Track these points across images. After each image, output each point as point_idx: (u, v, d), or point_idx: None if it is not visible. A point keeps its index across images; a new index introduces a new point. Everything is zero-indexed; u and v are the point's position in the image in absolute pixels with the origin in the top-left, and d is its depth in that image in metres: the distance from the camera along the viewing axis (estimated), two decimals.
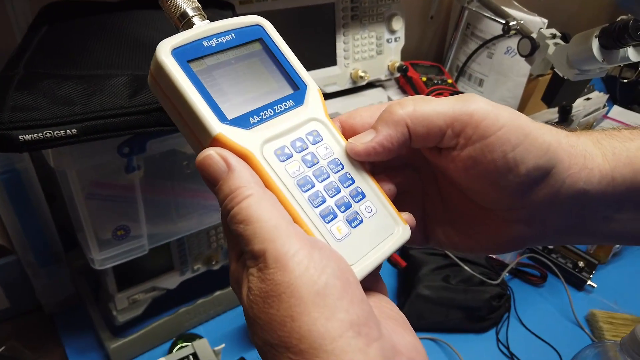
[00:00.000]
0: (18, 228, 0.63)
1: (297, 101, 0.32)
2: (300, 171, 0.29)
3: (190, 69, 0.28)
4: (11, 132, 0.43)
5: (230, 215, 0.26)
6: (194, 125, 0.28)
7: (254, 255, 0.25)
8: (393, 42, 1.01)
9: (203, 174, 0.28)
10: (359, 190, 0.31)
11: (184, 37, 0.29)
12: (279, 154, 0.29)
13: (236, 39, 0.31)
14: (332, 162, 0.31)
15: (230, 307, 0.80)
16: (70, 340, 0.72)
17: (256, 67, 0.31)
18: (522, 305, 0.87)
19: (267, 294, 0.24)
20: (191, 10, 0.31)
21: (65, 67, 0.50)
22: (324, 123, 0.32)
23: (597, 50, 0.77)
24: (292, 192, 0.28)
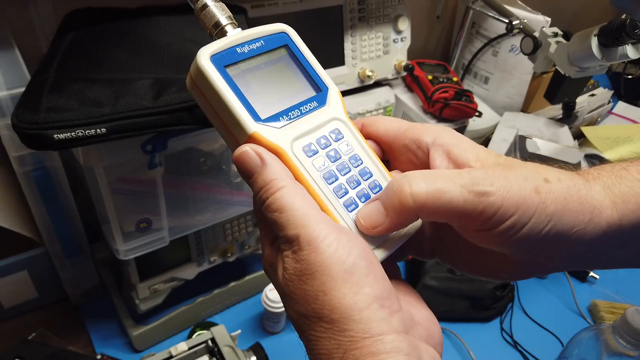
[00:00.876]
0: (47, 222, 0.68)
1: (320, 102, 0.34)
2: (325, 165, 0.32)
3: (227, 74, 0.31)
4: (47, 131, 0.47)
5: (266, 205, 0.29)
6: (230, 125, 0.31)
7: (288, 239, 0.28)
8: (399, 42, 1.04)
9: (239, 167, 0.30)
10: (376, 182, 0.34)
11: (220, 45, 0.32)
12: (307, 150, 0.32)
13: (265, 46, 0.34)
14: (352, 158, 0.34)
15: (244, 297, 0.83)
16: (95, 328, 0.77)
17: (283, 71, 0.34)
18: (526, 296, 0.90)
19: (302, 272, 0.27)
20: (224, 20, 0.34)
21: (93, 71, 0.54)
22: (344, 122, 0.35)
23: (596, 48, 0.79)
24: (318, 184, 0.31)
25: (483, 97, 1.22)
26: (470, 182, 0.29)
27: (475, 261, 0.35)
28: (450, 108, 1.01)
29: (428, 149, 0.34)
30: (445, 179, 0.29)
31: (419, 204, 0.29)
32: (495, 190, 0.28)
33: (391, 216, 0.30)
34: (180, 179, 0.66)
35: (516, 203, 0.29)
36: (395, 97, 1.08)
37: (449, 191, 0.29)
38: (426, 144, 0.34)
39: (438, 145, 0.33)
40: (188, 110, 0.51)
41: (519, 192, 0.29)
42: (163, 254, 0.69)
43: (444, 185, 0.29)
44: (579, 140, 1.19)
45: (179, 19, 0.68)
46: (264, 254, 0.32)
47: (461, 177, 0.29)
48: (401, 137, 0.35)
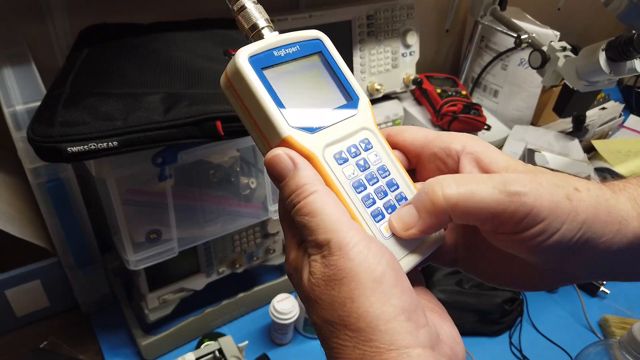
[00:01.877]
0: (60, 232, 0.69)
1: (351, 111, 0.35)
2: (354, 174, 0.32)
3: (264, 76, 0.31)
4: (60, 144, 0.49)
5: (297, 208, 0.29)
6: (264, 127, 0.31)
7: (318, 244, 0.28)
8: (408, 56, 1.05)
9: (271, 170, 0.30)
10: (402, 194, 0.34)
11: (259, 46, 0.32)
12: (337, 157, 0.32)
13: (301, 51, 0.34)
14: (380, 168, 0.34)
15: (252, 308, 0.84)
16: (105, 337, 0.77)
17: (317, 77, 0.34)
18: (535, 310, 0.89)
19: (330, 278, 0.27)
20: (262, 22, 0.34)
21: (106, 86, 0.56)
22: (373, 132, 0.35)
23: (604, 62, 0.80)
24: (348, 192, 0.31)
25: (493, 110, 1.22)
26: (502, 182, 0.29)
27: (498, 270, 0.35)
28: (459, 121, 1.01)
29: (458, 157, 0.34)
30: (477, 180, 0.29)
31: (451, 204, 0.29)
32: (527, 191, 0.28)
33: (424, 218, 0.30)
34: (190, 191, 0.67)
35: (549, 207, 0.29)
36: (404, 110, 1.09)
37: (481, 191, 0.29)
38: (456, 152, 0.34)
39: (468, 153, 0.33)
40: (197, 124, 0.53)
41: (551, 197, 0.29)
42: (172, 264, 0.70)
43: (476, 186, 0.29)
44: (590, 153, 1.19)
45: (190, 35, 0.69)
46: (288, 257, 0.32)
47: (493, 179, 0.29)
48: (430, 145, 0.35)
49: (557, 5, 1.50)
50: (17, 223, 0.70)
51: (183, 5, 0.87)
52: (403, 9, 1.01)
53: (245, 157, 0.70)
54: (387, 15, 0.99)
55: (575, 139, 1.11)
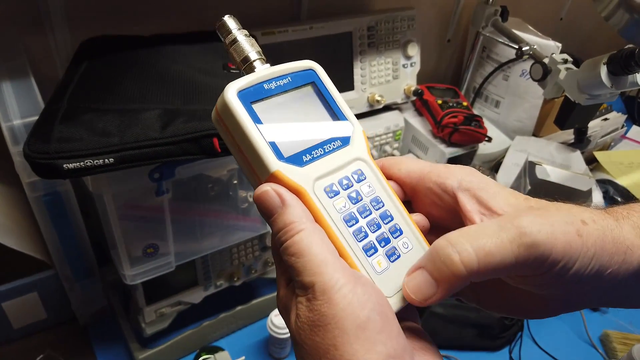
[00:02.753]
0: (57, 245, 0.69)
1: (344, 141, 0.34)
2: (346, 207, 0.32)
3: (253, 110, 0.31)
4: (57, 161, 0.49)
5: (284, 247, 0.29)
6: (253, 161, 0.31)
7: (304, 286, 0.28)
8: (409, 67, 1.05)
9: (259, 206, 0.30)
10: (397, 227, 0.33)
11: (248, 80, 0.32)
12: (328, 190, 0.32)
13: (292, 82, 0.34)
14: (373, 200, 0.33)
15: (250, 321, 0.83)
16: (102, 350, 0.77)
17: (308, 108, 0.34)
18: (536, 324, 0.88)
19: (314, 323, 0.27)
20: (254, 55, 0.34)
21: (104, 101, 0.56)
22: (367, 163, 0.34)
23: (605, 76, 0.79)
24: (338, 227, 0.31)
25: (494, 120, 1.21)
26: (518, 234, 0.28)
27: (502, 301, 0.34)
28: (460, 133, 1.01)
29: (454, 193, 0.33)
30: (490, 236, 0.28)
31: (472, 272, 0.28)
32: (544, 238, 0.28)
33: (443, 286, 0.29)
34: (187, 205, 0.66)
35: (563, 249, 0.28)
36: (405, 121, 1.09)
37: (499, 251, 0.28)
38: (452, 188, 0.33)
39: (465, 189, 0.33)
40: (194, 141, 0.52)
41: (564, 237, 0.28)
42: (170, 277, 0.70)
43: (492, 244, 0.28)
44: (592, 165, 1.18)
45: (190, 48, 0.69)
46: (279, 293, 0.31)
47: (506, 230, 0.28)
48: (424, 179, 0.34)
49: (559, 16, 1.49)
50: (14, 235, 0.70)
51: (185, 17, 0.87)
52: (404, 20, 1.01)
53: None
54: (388, 27, 0.99)
55: (577, 150, 1.10)
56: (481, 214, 0.32)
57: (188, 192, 0.66)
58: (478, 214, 0.32)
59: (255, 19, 0.93)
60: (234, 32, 0.35)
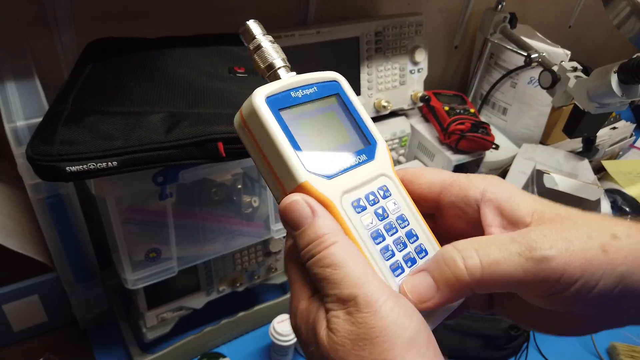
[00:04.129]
0: (59, 248, 0.68)
1: (369, 156, 0.33)
2: (373, 224, 0.31)
3: (281, 117, 0.30)
4: (59, 164, 0.48)
5: (316, 259, 0.27)
6: (280, 171, 0.30)
7: (342, 298, 0.26)
8: (416, 73, 1.04)
9: (286, 217, 0.29)
10: (422, 247, 0.32)
11: (277, 87, 0.31)
12: (355, 205, 0.30)
13: (318, 92, 0.33)
14: (399, 218, 0.32)
15: (252, 328, 0.82)
16: (102, 354, 0.76)
17: (334, 120, 0.33)
18: (542, 336, 0.87)
19: (359, 337, 0.25)
20: (279, 62, 0.33)
21: (108, 103, 0.55)
22: (392, 179, 0.33)
23: (616, 85, 0.78)
24: (366, 243, 0.30)
25: (501, 128, 1.20)
26: (527, 247, 0.27)
27: (536, 317, 0.32)
28: (467, 140, 1.00)
29: (477, 206, 0.31)
30: (499, 246, 0.27)
31: (475, 280, 0.27)
32: (556, 253, 0.26)
33: (443, 291, 0.28)
34: (190, 209, 0.66)
35: (581, 266, 0.26)
36: (411, 127, 1.08)
37: (506, 262, 0.27)
38: (475, 200, 0.32)
39: (488, 200, 0.31)
40: (199, 145, 0.52)
41: (583, 254, 0.26)
42: (172, 282, 0.69)
43: (499, 254, 0.27)
44: (600, 174, 1.17)
45: (196, 51, 0.69)
46: (296, 309, 0.29)
47: (516, 243, 0.27)
48: (446, 192, 0.33)
49: (568, 23, 1.48)
50: (17, 237, 0.69)
51: (192, 20, 0.87)
52: (412, 26, 1.00)
53: (248, 174, 0.69)
54: (395, 32, 0.98)
55: (585, 159, 1.09)
56: (502, 228, 0.31)
57: (192, 197, 0.65)
58: (499, 228, 0.31)
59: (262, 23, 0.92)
60: (258, 38, 0.34)
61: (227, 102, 0.57)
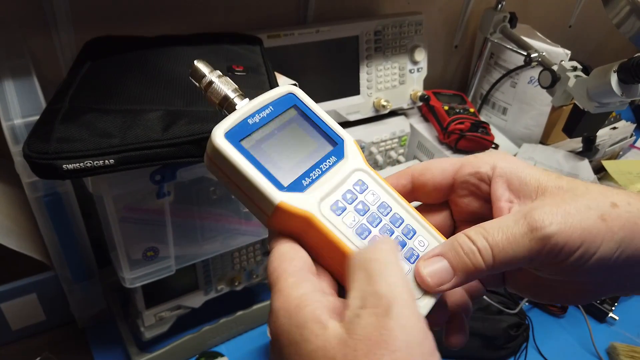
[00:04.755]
0: (57, 246, 0.68)
1: (338, 156, 0.34)
2: (356, 221, 0.32)
3: (243, 148, 0.31)
4: (56, 161, 0.48)
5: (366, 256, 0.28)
6: (255, 198, 0.31)
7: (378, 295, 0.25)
8: (415, 72, 1.04)
9: None
10: (409, 227, 0.33)
11: (232, 120, 0.32)
12: (335, 208, 0.31)
13: (274, 111, 0.34)
14: (380, 207, 0.33)
15: (251, 327, 0.82)
16: (100, 353, 0.76)
17: (296, 132, 0.34)
18: (541, 336, 0.87)
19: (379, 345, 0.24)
20: (231, 93, 0.35)
21: (106, 101, 0.55)
22: (365, 171, 0.34)
23: (615, 84, 0.78)
24: (353, 242, 0.31)
25: (501, 127, 1.20)
26: (529, 229, 0.29)
27: (546, 288, 0.34)
28: (466, 140, 1.00)
29: (490, 180, 0.33)
30: (504, 231, 0.29)
31: (489, 266, 0.29)
32: (556, 230, 0.28)
33: (459, 276, 0.30)
34: (188, 208, 0.66)
35: (580, 236, 0.28)
36: (411, 126, 1.08)
37: (512, 247, 0.29)
38: (487, 176, 0.34)
39: (498, 176, 0.33)
40: (196, 143, 0.51)
41: (581, 224, 0.28)
42: (170, 281, 0.69)
43: (505, 240, 0.29)
44: (600, 174, 1.17)
45: (195, 49, 0.69)
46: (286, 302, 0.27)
47: (519, 225, 0.29)
48: (459, 174, 0.35)
49: (568, 23, 1.48)
50: (15, 236, 0.69)
51: (191, 19, 0.87)
52: (411, 25, 1.00)
53: None
54: (395, 31, 0.98)
55: (585, 159, 1.09)
56: (509, 202, 0.32)
57: (189, 196, 0.65)
58: (507, 202, 0.32)
59: (261, 22, 0.92)
60: (208, 76, 0.36)
61: None
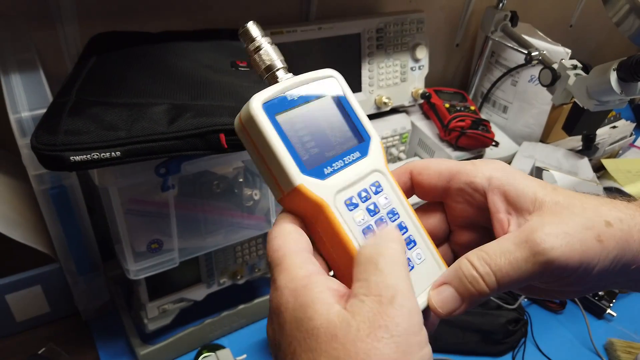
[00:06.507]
0: (62, 239, 0.69)
1: (362, 152, 0.34)
2: (364, 220, 0.32)
3: (277, 122, 0.31)
4: (63, 153, 0.49)
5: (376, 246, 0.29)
6: (277, 173, 0.31)
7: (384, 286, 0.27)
8: (417, 70, 1.05)
9: None
10: (411, 238, 0.34)
11: (273, 92, 0.32)
12: (348, 203, 0.32)
13: (313, 92, 0.34)
14: (390, 212, 0.34)
15: (253, 320, 0.83)
16: (103, 345, 0.77)
17: (329, 119, 0.34)
18: (540, 331, 0.87)
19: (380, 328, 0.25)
20: (278, 63, 0.34)
21: (112, 95, 0.56)
22: (384, 174, 0.35)
23: (615, 82, 0.79)
24: (357, 239, 0.31)
25: (501, 126, 1.21)
26: (532, 254, 0.29)
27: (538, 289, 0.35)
28: (467, 137, 1.00)
29: (484, 192, 0.34)
30: (507, 256, 0.30)
31: (493, 290, 0.30)
32: (558, 254, 0.29)
33: (467, 302, 0.31)
34: (192, 201, 0.66)
35: (580, 258, 0.29)
36: (412, 124, 1.08)
37: (515, 272, 0.30)
38: (482, 187, 0.34)
39: (494, 187, 0.33)
40: (201, 136, 0.52)
41: (580, 246, 0.29)
42: (173, 274, 0.70)
43: (509, 266, 0.30)
44: (599, 172, 1.17)
45: (198, 45, 0.69)
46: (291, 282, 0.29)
47: (521, 249, 0.30)
48: (454, 180, 0.35)
49: (569, 22, 1.49)
50: (20, 228, 0.70)
51: (194, 15, 0.88)
52: (413, 23, 1.01)
53: (250, 168, 0.70)
54: (397, 29, 0.99)
55: (585, 157, 1.10)
56: (507, 214, 0.33)
57: (193, 189, 0.66)
58: (505, 214, 0.33)
59: (264, 18, 0.93)
60: (258, 40, 0.35)
61: (229, 95, 0.58)
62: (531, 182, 0.33)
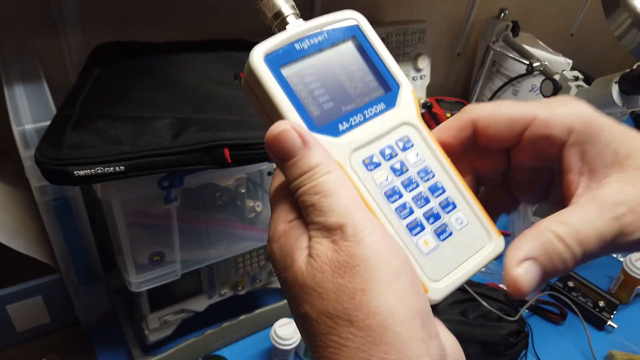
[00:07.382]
0: (64, 249, 0.69)
1: (388, 104, 0.30)
2: (388, 181, 0.28)
3: (282, 76, 0.28)
4: (67, 167, 0.49)
5: (305, 188, 0.26)
6: None
7: (328, 226, 0.25)
8: (418, 79, 1.05)
9: (275, 147, 0.27)
10: (449, 200, 0.30)
11: (276, 42, 0.28)
12: (367, 163, 0.28)
13: (328, 39, 0.30)
14: (422, 171, 0.29)
15: (253, 331, 0.83)
16: (104, 356, 0.77)
17: (347, 68, 0.30)
18: (541, 343, 0.87)
19: (340, 264, 0.24)
20: (287, 9, 0.30)
21: (116, 108, 0.56)
22: (416, 127, 0.30)
23: (617, 95, 0.79)
24: (378, 204, 0.28)
25: None
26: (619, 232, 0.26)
27: None
28: None
29: (562, 145, 0.29)
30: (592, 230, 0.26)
31: (577, 264, 0.27)
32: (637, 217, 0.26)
33: (546, 278, 0.27)
34: (195, 213, 0.66)
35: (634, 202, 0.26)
36: None
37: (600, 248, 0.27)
38: (560, 141, 0.29)
39: (574, 144, 0.29)
40: (205, 151, 0.52)
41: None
42: (174, 285, 0.69)
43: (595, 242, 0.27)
44: None
45: (203, 56, 0.70)
46: (275, 232, 0.28)
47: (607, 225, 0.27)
48: (529, 131, 0.30)
49: (569, 32, 1.49)
50: (21, 238, 0.70)
51: (198, 26, 0.88)
52: (415, 33, 1.01)
53: (251, 179, 0.70)
54: (399, 39, 0.99)
55: None
56: (579, 173, 0.29)
57: (196, 201, 0.66)
58: (577, 174, 0.29)
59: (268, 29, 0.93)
60: None
61: (232, 109, 0.58)
62: (614, 141, 0.28)
